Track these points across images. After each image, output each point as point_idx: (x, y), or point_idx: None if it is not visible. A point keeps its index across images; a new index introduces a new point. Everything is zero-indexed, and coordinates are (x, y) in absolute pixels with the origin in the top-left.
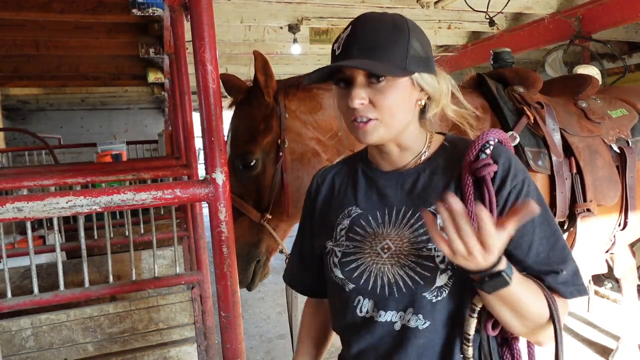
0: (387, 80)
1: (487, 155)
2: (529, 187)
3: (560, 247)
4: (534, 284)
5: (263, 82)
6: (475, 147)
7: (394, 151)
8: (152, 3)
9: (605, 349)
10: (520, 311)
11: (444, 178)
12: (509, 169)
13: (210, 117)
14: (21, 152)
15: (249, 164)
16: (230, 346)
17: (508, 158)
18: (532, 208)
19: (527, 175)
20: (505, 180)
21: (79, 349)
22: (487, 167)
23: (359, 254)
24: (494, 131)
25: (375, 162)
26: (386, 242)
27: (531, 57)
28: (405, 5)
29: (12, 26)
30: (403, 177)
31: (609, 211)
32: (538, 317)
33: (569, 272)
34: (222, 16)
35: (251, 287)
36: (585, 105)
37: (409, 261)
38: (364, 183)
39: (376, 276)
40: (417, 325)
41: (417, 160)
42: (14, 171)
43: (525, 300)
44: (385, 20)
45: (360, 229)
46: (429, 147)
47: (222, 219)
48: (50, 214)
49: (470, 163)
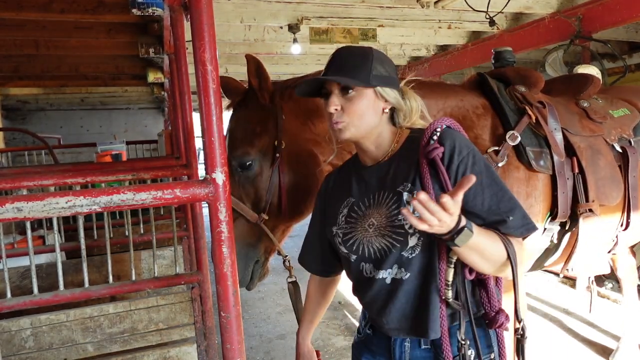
0: (355, 91)
1: (434, 141)
2: (474, 157)
3: (507, 199)
4: (492, 232)
5: (257, 85)
6: (427, 135)
7: (370, 147)
8: (152, 3)
9: (605, 349)
10: (485, 254)
11: (407, 163)
12: (454, 148)
13: (210, 117)
14: (21, 152)
15: (246, 165)
16: (230, 346)
17: (452, 139)
18: (470, 179)
19: (471, 149)
20: (452, 157)
21: (78, 349)
22: (435, 150)
23: (354, 232)
24: (442, 120)
25: (362, 159)
26: (371, 220)
27: (531, 57)
28: (405, 5)
29: (12, 26)
30: (380, 167)
31: (611, 211)
32: (499, 257)
33: (516, 217)
34: (222, 16)
35: (250, 286)
36: (587, 105)
37: (387, 231)
38: (355, 178)
39: (368, 246)
40: (401, 277)
41: (389, 153)
42: (14, 171)
43: (488, 245)
44: (356, 50)
45: (354, 214)
46: (397, 142)
47: (222, 219)
48: (50, 214)
49: (423, 148)
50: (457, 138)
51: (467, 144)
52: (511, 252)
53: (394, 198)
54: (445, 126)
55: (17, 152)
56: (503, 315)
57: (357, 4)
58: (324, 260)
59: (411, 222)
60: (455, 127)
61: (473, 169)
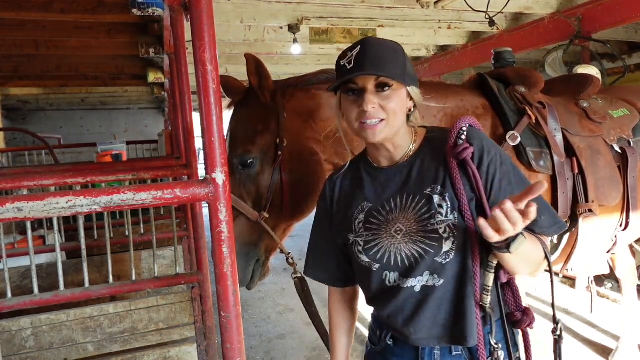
0: (391, 89)
1: (463, 141)
2: (502, 157)
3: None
4: (530, 234)
5: (257, 83)
6: (453, 135)
7: (390, 149)
8: (152, 3)
9: (605, 349)
10: (529, 258)
11: (433, 164)
12: (483, 147)
13: (210, 117)
14: (21, 152)
15: (247, 163)
16: (230, 346)
17: (480, 138)
18: (542, 185)
19: (498, 148)
20: (482, 157)
21: (79, 349)
22: (465, 151)
23: (378, 240)
24: (464, 119)
25: (375, 159)
26: (397, 225)
27: (531, 57)
28: (405, 5)
29: (12, 26)
30: (399, 169)
31: (611, 211)
32: (539, 258)
33: (547, 215)
34: (222, 16)
35: (251, 286)
36: (587, 105)
37: (419, 237)
38: (369, 180)
39: (396, 254)
40: (434, 284)
41: (408, 154)
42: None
43: (532, 248)
44: (387, 44)
45: (374, 219)
46: (415, 141)
47: (222, 219)
48: (50, 214)
49: (451, 149)
50: (484, 137)
51: (493, 143)
52: (546, 250)
53: (423, 201)
54: (468, 125)
55: (17, 152)
56: (529, 314)
57: (357, 4)
58: (339, 268)
59: (488, 233)
60: (477, 125)
61: (502, 169)
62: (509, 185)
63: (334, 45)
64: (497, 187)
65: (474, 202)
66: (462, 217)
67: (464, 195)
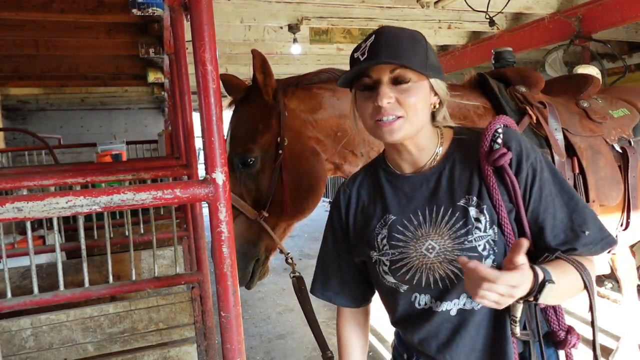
0: (411, 82)
1: (500, 145)
2: (541, 163)
3: (580, 209)
4: (565, 265)
5: (262, 80)
6: (487, 138)
7: (413, 151)
8: (152, 3)
9: (605, 349)
10: (563, 294)
11: (465, 172)
12: (522, 152)
13: (210, 117)
14: (21, 152)
15: (248, 162)
16: (230, 346)
17: (518, 142)
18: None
19: (537, 152)
20: (520, 163)
21: (79, 349)
22: (503, 157)
23: (407, 259)
24: (499, 119)
25: (395, 165)
26: (429, 242)
27: (531, 57)
28: (405, 5)
29: (12, 26)
30: (426, 177)
31: (611, 211)
32: (577, 290)
33: (593, 230)
34: (222, 16)
35: (250, 285)
36: (587, 105)
37: (455, 255)
38: (390, 189)
39: (428, 274)
40: (472, 307)
41: (435, 158)
42: (14, 171)
43: (565, 286)
44: (405, 32)
45: (400, 235)
46: (442, 144)
47: (222, 219)
48: (50, 214)
49: (486, 154)
50: (522, 140)
51: (532, 147)
52: (587, 279)
53: (457, 214)
54: (504, 126)
55: (17, 152)
56: (574, 335)
57: (357, 4)
58: (356, 287)
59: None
60: (512, 126)
61: (542, 176)
62: (549, 195)
63: (334, 45)
64: (535, 197)
65: (514, 215)
66: (502, 231)
67: (503, 206)
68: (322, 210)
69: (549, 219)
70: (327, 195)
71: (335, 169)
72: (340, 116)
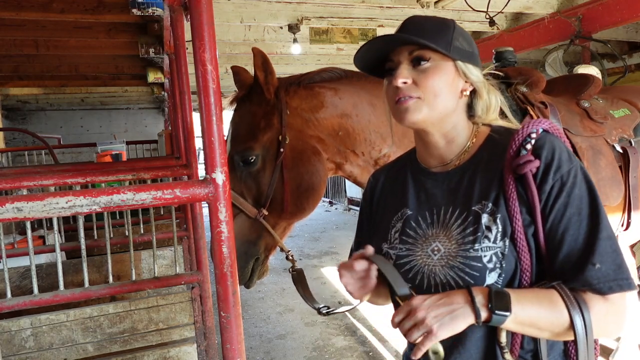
0: (431, 62)
1: (527, 151)
2: (575, 178)
3: (604, 238)
4: (554, 297)
5: (263, 79)
6: (516, 141)
7: (440, 143)
8: (152, 3)
9: (605, 349)
10: (536, 327)
11: (487, 175)
12: (552, 162)
13: (210, 117)
14: (21, 152)
15: (248, 160)
16: (230, 346)
17: (551, 150)
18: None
19: (573, 165)
20: (547, 174)
21: (78, 349)
22: (527, 165)
23: (412, 257)
24: (537, 121)
25: (422, 159)
26: (436, 244)
27: (531, 57)
28: (405, 5)
29: (12, 26)
30: (450, 175)
31: (612, 211)
32: (558, 326)
33: (607, 265)
34: (222, 16)
35: (249, 284)
36: (588, 105)
37: (458, 262)
38: (413, 184)
39: (429, 277)
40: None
41: (463, 154)
42: (14, 171)
43: (537, 319)
44: (433, 18)
45: (412, 231)
46: (474, 140)
47: (222, 219)
48: (50, 214)
49: (511, 159)
50: (558, 149)
51: (570, 158)
52: (575, 318)
53: (469, 219)
54: (542, 130)
55: (17, 152)
56: None
57: (357, 4)
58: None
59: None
60: (554, 131)
61: (572, 192)
62: (575, 215)
63: (334, 45)
64: (556, 215)
65: (532, 230)
66: (514, 245)
67: (520, 219)
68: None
69: (568, 242)
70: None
71: (336, 168)
72: (341, 115)
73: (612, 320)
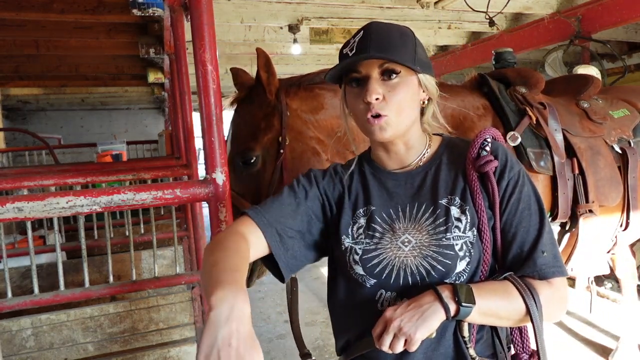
0: (399, 77)
1: (487, 152)
2: (523, 177)
3: (547, 231)
4: (509, 287)
5: (265, 79)
6: (476, 145)
7: (401, 150)
8: (152, 3)
9: (605, 349)
10: (497, 316)
11: (450, 174)
12: (506, 163)
13: (210, 117)
14: (21, 152)
15: (249, 161)
16: None
17: (504, 153)
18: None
19: (521, 167)
20: (503, 173)
21: (79, 349)
22: (489, 164)
23: (380, 250)
24: (488, 130)
25: (381, 162)
26: (405, 236)
27: (531, 57)
28: (405, 5)
29: (12, 26)
30: (411, 175)
31: (611, 212)
32: (516, 314)
33: (549, 255)
34: (222, 16)
35: (249, 283)
36: (587, 106)
37: (431, 251)
38: (375, 183)
39: (399, 269)
40: None
41: (421, 159)
42: (14, 171)
43: (497, 309)
44: (393, 27)
45: (378, 226)
46: (430, 146)
47: (222, 219)
48: (50, 214)
49: (473, 160)
50: (508, 153)
51: (517, 161)
52: (530, 304)
53: (438, 212)
54: (492, 137)
55: (17, 152)
56: (536, 358)
57: (357, 4)
58: (294, 259)
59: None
60: (499, 139)
61: (523, 190)
62: (526, 210)
63: (334, 46)
64: (511, 209)
65: (492, 223)
66: (480, 237)
67: (485, 212)
68: None
69: (521, 233)
70: None
71: None
72: (341, 116)
73: (556, 304)
